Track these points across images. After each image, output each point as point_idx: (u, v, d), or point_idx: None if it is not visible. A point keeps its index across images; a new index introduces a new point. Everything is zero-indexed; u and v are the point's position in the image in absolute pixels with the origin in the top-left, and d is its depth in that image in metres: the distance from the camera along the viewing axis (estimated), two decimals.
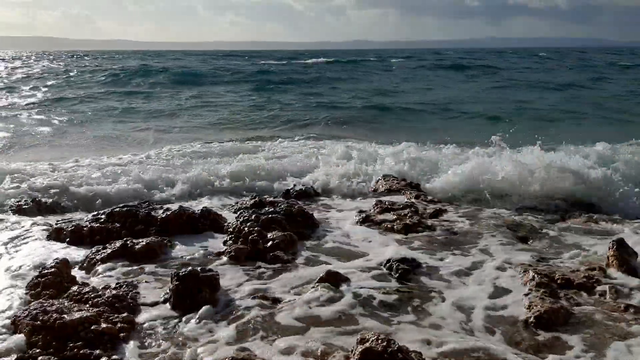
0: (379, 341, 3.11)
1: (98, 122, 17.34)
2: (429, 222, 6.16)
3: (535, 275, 4.45)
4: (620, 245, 4.74)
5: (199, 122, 17.58)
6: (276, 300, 4.16)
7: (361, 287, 4.39)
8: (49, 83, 32.37)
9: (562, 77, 35.76)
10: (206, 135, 14.69)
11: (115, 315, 3.76)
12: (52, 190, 7.52)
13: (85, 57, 77.29)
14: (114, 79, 34.51)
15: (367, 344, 3.11)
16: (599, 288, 4.37)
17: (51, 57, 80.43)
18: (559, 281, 4.45)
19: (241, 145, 12.44)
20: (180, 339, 3.60)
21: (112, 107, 21.26)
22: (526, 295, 4.21)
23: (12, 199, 7.12)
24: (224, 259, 5.07)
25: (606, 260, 4.79)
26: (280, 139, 13.42)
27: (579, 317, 3.92)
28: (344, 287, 4.33)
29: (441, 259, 5.11)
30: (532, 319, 3.82)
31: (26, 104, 21.92)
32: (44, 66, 49.62)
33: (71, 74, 38.36)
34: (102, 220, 5.84)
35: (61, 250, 5.33)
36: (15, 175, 8.18)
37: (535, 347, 3.55)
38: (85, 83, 32.75)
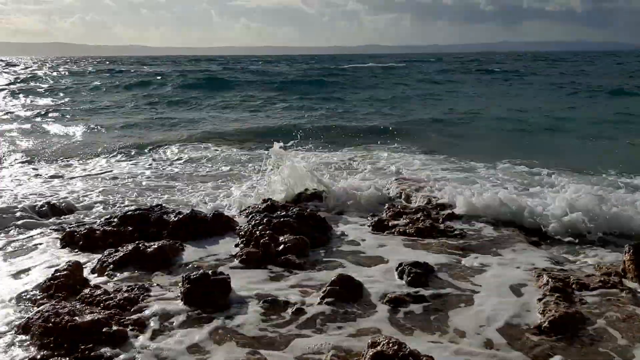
0: (390, 345, 3.08)
1: (147, 129, 17.03)
2: (442, 226, 6.11)
3: (550, 280, 4.38)
4: (637, 250, 4.66)
5: (254, 126, 16.96)
6: (287, 304, 4.15)
7: (373, 291, 4.36)
8: (77, 90, 32.66)
9: (616, 80, 34.00)
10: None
11: (127, 318, 3.78)
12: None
13: (107, 63, 77.85)
14: (143, 86, 34.50)
15: (378, 348, 3.09)
16: (615, 293, 4.30)
17: (69, 62, 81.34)
18: (573, 286, 4.39)
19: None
20: (190, 341, 3.59)
21: (151, 115, 21.22)
22: (540, 300, 4.15)
23: (28, 202, 7.19)
24: (236, 262, 5.07)
25: (622, 265, 4.71)
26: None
27: (594, 322, 3.86)
28: (355, 291, 4.30)
29: (453, 263, 5.06)
30: (546, 324, 3.76)
31: (60, 112, 22.11)
32: (68, 73, 49.98)
33: (97, 82, 38.10)
34: (114, 223, 5.86)
35: (73, 253, 5.37)
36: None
37: (549, 352, 3.49)
38: (114, 90, 32.85)
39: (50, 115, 20.78)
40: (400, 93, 29.15)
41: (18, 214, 6.63)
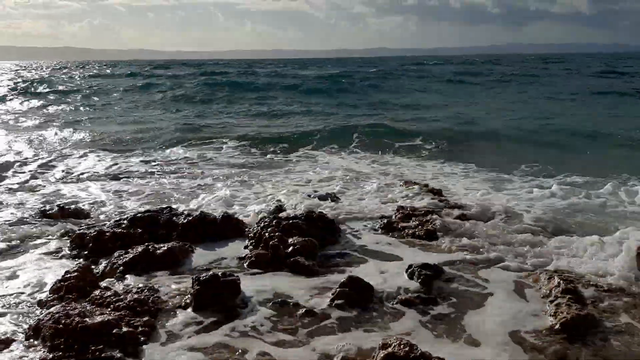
0: (402, 346, 3.06)
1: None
2: (452, 227, 6.07)
3: (561, 282, 4.34)
4: None
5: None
6: (297, 306, 4.14)
7: (383, 293, 4.35)
8: (96, 93, 32.60)
9: None
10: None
11: (137, 319, 3.78)
12: None
13: (119, 67, 77.77)
14: (160, 88, 33.99)
15: (389, 349, 3.07)
16: (627, 293, 4.27)
17: (80, 67, 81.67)
18: (585, 287, 4.35)
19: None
20: (200, 342, 3.59)
21: (173, 117, 21.09)
22: (552, 301, 4.11)
23: (38, 205, 7.24)
24: (245, 264, 5.07)
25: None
26: None
27: (607, 324, 3.82)
28: (365, 293, 4.28)
29: (463, 264, 5.04)
30: (557, 326, 3.74)
31: (76, 115, 22.13)
32: (80, 77, 49.96)
33: (116, 86, 37.46)
34: (124, 225, 5.87)
35: (83, 255, 5.37)
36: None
37: (562, 354, 3.46)
38: (136, 93, 32.54)
39: (62, 119, 20.83)
40: (424, 97, 28.61)
41: (29, 216, 6.66)
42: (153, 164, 11.15)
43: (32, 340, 3.55)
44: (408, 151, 12.65)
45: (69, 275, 4.39)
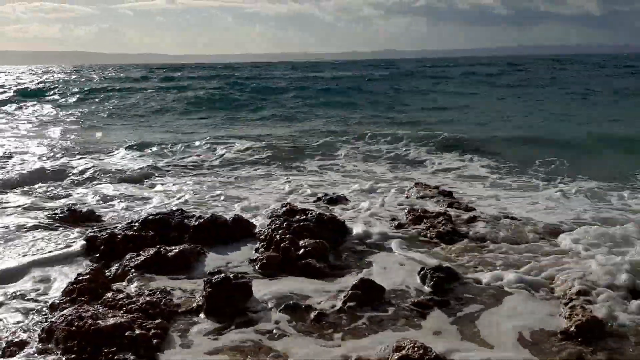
0: (416, 349, 3.05)
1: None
2: (463, 230, 6.04)
3: (576, 284, 4.31)
4: None
5: None
6: (309, 309, 4.12)
7: (395, 295, 4.33)
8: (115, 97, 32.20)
9: None
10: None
11: (149, 322, 3.77)
12: None
13: (133, 71, 77.82)
14: (190, 94, 32.49)
15: (404, 352, 3.05)
16: None
17: (95, 70, 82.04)
18: (600, 289, 4.30)
19: None
20: (213, 345, 3.58)
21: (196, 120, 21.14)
22: (567, 304, 4.07)
23: (49, 207, 7.26)
24: (256, 266, 5.06)
25: None
26: None
27: (623, 326, 3.78)
28: (377, 295, 4.26)
29: (475, 267, 5.01)
30: (572, 329, 3.69)
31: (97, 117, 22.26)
32: (102, 80, 49.96)
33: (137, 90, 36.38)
34: (135, 228, 5.88)
35: (95, 258, 5.39)
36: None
37: (577, 357, 3.42)
38: (155, 96, 31.66)
39: (81, 122, 20.86)
40: (441, 98, 28.19)
41: (41, 219, 6.69)
42: (169, 165, 11.18)
43: (45, 343, 3.56)
44: (422, 153, 12.60)
45: (81, 277, 4.40)
